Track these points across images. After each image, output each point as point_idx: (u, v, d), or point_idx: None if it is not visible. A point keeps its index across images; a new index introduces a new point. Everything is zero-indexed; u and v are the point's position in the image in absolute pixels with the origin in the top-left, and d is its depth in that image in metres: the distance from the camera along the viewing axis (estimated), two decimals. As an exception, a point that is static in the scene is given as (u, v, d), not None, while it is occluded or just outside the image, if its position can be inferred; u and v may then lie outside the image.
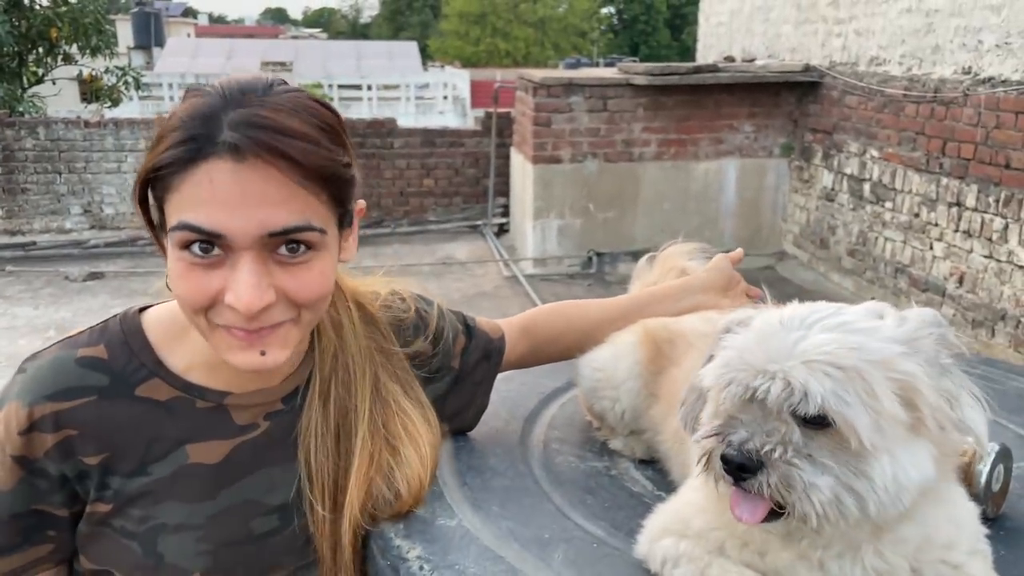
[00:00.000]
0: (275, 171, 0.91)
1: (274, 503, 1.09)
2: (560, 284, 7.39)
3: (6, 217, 8.80)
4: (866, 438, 0.79)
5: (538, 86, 7.29)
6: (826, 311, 0.87)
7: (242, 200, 0.91)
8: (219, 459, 1.07)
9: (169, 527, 1.04)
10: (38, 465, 1.02)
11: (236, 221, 0.91)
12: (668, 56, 38.28)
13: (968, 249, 5.66)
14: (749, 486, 0.82)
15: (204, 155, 0.90)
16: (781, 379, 0.81)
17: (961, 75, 5.71)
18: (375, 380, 1.15)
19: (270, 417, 1.10)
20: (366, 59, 25.11)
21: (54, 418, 1.00)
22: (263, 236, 0.92)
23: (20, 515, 1.03)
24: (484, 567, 0.99)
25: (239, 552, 1.08)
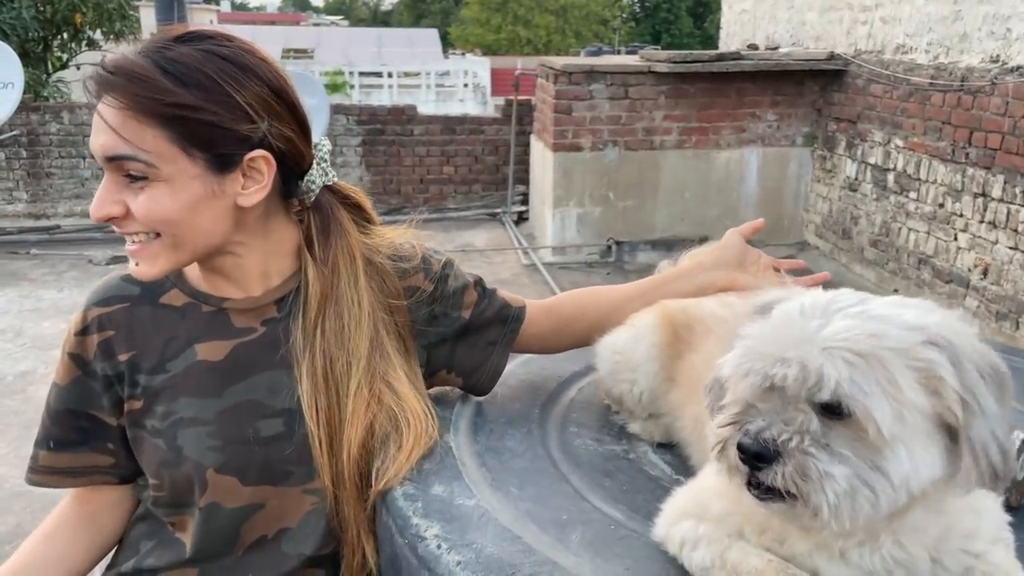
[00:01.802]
0: (119, 107, 1.07)
1: (277, 406, 1.20)
2: (579, 272, 7.38)
3: (31, 201, 8.89)
4: (886, 428, 0.77)
5: (559, 73, 7.26)
6: (848, 299, 0.85)
7: (96, 129, 1.09)
8: (222, 357, 1.21)
9: (185, 420, 1.18)
10: (90, 367, 1.22)
11: (94, 145, 1.10)
12: (690, 44, 38.00)
13: (993, 240, 5.58)
14: (764, 477, 0.81)
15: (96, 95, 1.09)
16: (797, 364, 0.79)
17: (989, 64, 5.63)
18: (374, 334, 1.24)
19: (267, 323, 1.24)
20: (387, 46, 25.11)
21: (99, 320, 1.22)
22: (104, 159, 1.09)
23: (77, 413, 1.23)
24: (501, 547, 0.99)
25: (248, 452, 1.18)
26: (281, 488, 1.19)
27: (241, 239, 1.20)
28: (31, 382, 4.88)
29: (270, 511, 1.20)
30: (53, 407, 1.25)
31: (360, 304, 1.23)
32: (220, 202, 1.13)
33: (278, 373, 1.21)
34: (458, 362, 1.36)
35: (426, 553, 1.00)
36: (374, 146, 9.18)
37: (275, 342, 1.22)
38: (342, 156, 9.15)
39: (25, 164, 8.80)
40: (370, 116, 9.21)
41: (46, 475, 1.27)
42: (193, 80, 1.08)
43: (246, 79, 1.11)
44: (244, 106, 1.11)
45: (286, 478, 1.19)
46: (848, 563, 0.87)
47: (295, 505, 1.21)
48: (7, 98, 8.08)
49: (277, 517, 1.21)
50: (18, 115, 8.31)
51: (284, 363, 1.21)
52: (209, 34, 1.14)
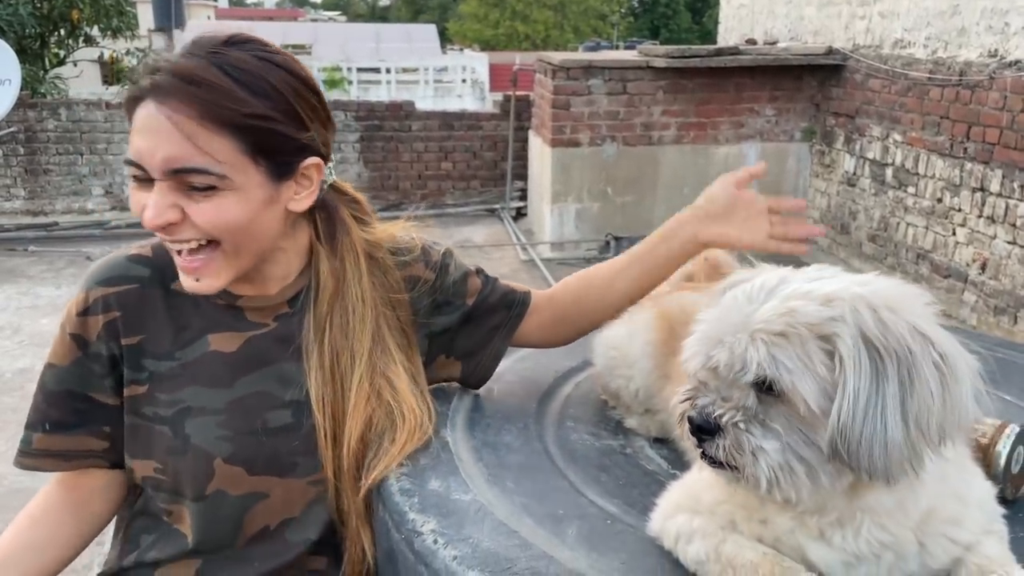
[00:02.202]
0: (183, 115, 1.05)
1: (286, 398, 1.21)
2: (578, 268, 7.33)
3: (29, 198, 8.89)
4: (812, 402, 0.79)
5: (557, 69, 7.25)
6: (797, 278, 0.86)
7: (153, 138, 1.06)
8: (235, 348, 1.21)
9: (193, 409, 1.18)
10: (92, 349, 1.19)
11: (147, 156, 1.06)
12: (689, 39, 37.95)
13: (992, 235, 5.59)
14: (708, 448, 0.86)
15: (140, 99, 1.07)
16: (728, 349, 0.84)
17: (987, 58, 5.63)
18: (376, 328, 1.25)
19: (279, 319, 1.25)
20: (385, 42, 25.05)
21: (103, 301, 1.19)
22: (167, 171, 1.06)
23: (75, 394, 1.21)
24: (498, 541, 0.99)
25: (256, 443, 1.19)
26: (287, 479, 1.20)
27: (282, 243, 1.22)
28: (29, 379, 4.88)
29: (273, 501, 1.21)
30: (50, 388, 1.22)
31: (364, 300, 1.25)
32: (276, 208, 1.16)
33: (288, 366, 1.22)
34: (459, 347, 1.37)
35: (423, 548, 1.00)
36: (372, 142, 9.17)
37: (287, 336, 1.24)
38: (340, 152, 9.14)
39: (23, 161, 8.79)
40: (368, 112, 9.19)
41: (39, 458, 1.24)
42: (261, 90, 1.09)
43: (302, 88, 1.14)
44: (302, 115, 1.14)
45: (292, 469, 1.20)
46: (833, 546, 0.88)
47: (299, 496, 1.22)
48: (4, 95, 8.07)
49: (280, 508, 1.21)
50: (15, 112, 8.30)
51: (295, 356, 1.23)
52: (252, 39, 1.15)
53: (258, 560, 1.22)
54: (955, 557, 0.90)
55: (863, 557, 0.87)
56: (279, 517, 1.22)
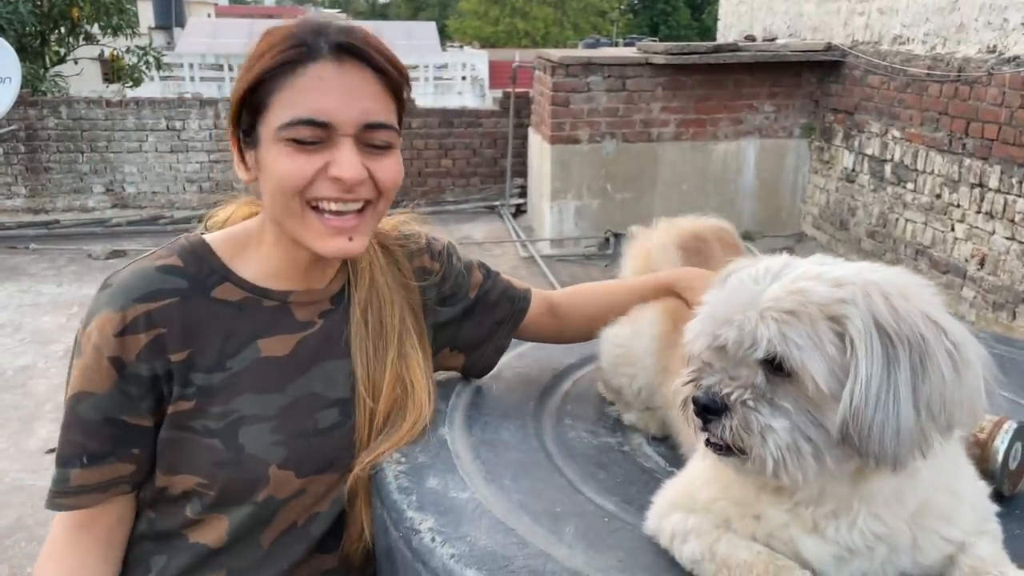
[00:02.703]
0: (369, 75, 1.10)
1: (334, 396, 1.22)
2: (577, 265, 7.38)
3: (30, 196, 8.88)
4: (822, 382, 0.79)
5: (556, 66, 7.24)
6: (803, 263, 0.87)
7: (346, 95, 1.08)
8: (287, 352, 1.20)
9: (247, 418, 1.16)
10: (131, 369, 1.12)
11: (342, 111, 1.08)
12: (688, 36, 37.88)
13: (990, 231, 5.59)
14: (714, 428, 0.85)
15: (313, 57, 1.08)
16: (737, 327, 0.83)
17: (986, 54, 5.62)
18: (402, 311, 1.28)
19: (324, 316, 1.25)
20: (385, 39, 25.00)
21: (146, 317, 1.12)
22: (361, 125, 1.09)
23: (112, 420, 1.14)
24: (495, 539, 1.00)
25: (308, 445, 1.19)
26: (325, 475, 1.21)
27: None
28: (31, 376, 4.89)
29: (308, 498, 1.21)
30: (89, 418, 1.13)
31: (390, 286, 1.29)
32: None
33: (334, 364, 1.23)
34: (463, 340, 1.39)
35: (420, 546, 1.01)
36: (372, 139, 9.15)
37: (333, 334, 1.24)
38: (340, 149, 9.13)
39: (23, 159, 8.79)
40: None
41: (78, 496, 1.15)
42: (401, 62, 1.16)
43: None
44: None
45: (332, 465, 1.21)
46: (826, 538, 0.88)
47: (329, 490, 1.23)
48: (4, 93, 8.06)
49: (311, 504, 1.22)
50: (16, 110, 8.30)
51: (340, 353, 1.24)
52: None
53: (281, 557, 1.22)
54: (947, 555, 0.91)
55: (856, 550, 0.87)
56: (308, 512, 1.22)
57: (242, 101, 1.12)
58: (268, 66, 1.08)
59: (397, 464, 1.17)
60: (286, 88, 1.08)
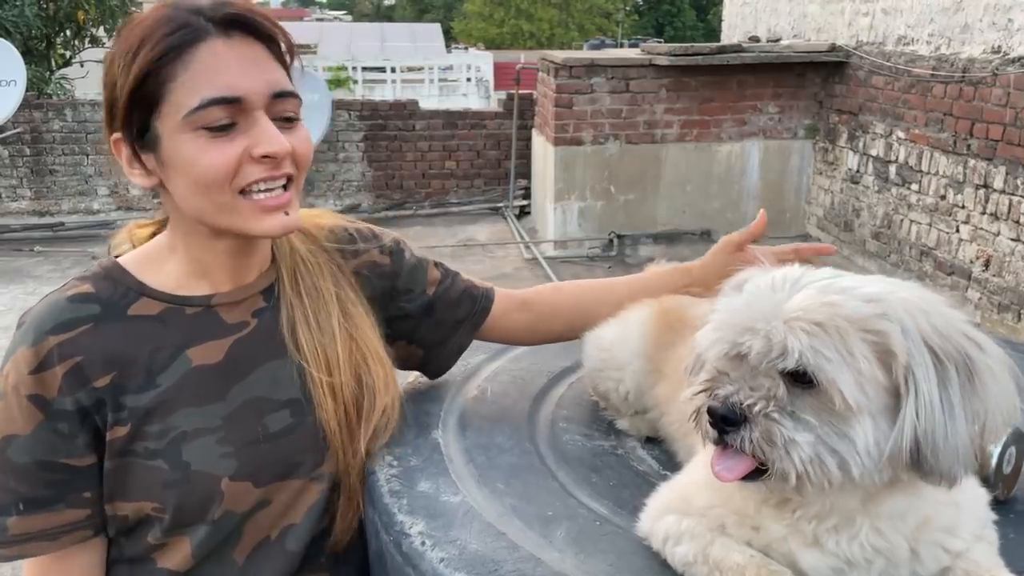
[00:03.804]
0: (259, 46, 1.06)
1: (282, 398, 1.16)
2: (581, 266, 7.37)
3: (35, 198, 8.92)
4: (849, 396, 0.78)
5: (560, 67, 7.24)
6: (820, 275, 0.86)
7: (246, 67, 1.03)
8: (220, 358, 1.13)
9: (189, 433, 1.10)
10: (55, 406, 1.06)
11: (249, 83, 1.03)
12: (694, 37, 37.85)
13: (995, 232, 5.57)
14: (732, 440, 0.82)
15: (200, 36, 1.02)
16: (763, 336, 0.81)
17: (990, 54, 5.60)
18: (334, 276, 1.25)
19: (257, 315, 1.18)
20: (390, 41, 25.08)
21: (58, 349, 1.06)
22: (270, 95, 1.05)
23: (46, 464, 1.06)
24: (485, 543, 0.99)
25: (260, 452, 1.13)
26: (289, 481, 1.15)
27: None
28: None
29: (275, 508, 1.15)
30: (18, 462, 1.06)
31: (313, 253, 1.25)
32: None
33: (277, 363, 1.17)
34: (421, 337, 1.37)
35: (410, 550, 1.01)
36: (376, 141, 9.18)
37: (270, 331, 1.18)
38: (344, 152, 9.15)
39: (29, 161, 8.82)
40: (372, 111, 9.20)
41: (21, 544, 1.07)
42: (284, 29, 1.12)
43: None
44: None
45: (296, 469, 1.15)
46: (825, 551, 0.87)
47: (299, 499, 1.16)
48: (9, 96, 8.10)
49: (281, 514, 1.15)
50: (21, 112, 8.34)
51: (280, 351, 1.17)
52: None
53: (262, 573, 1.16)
54: (945, 566, 0.90)
55: (855, 563, 0.86)
56: (279, 524, 1.16)
57: (129, 101, 1.03)
58: (153, 56, 1.01)
59: (389, 467, 1.17)
60: (180, 74, 1.01)
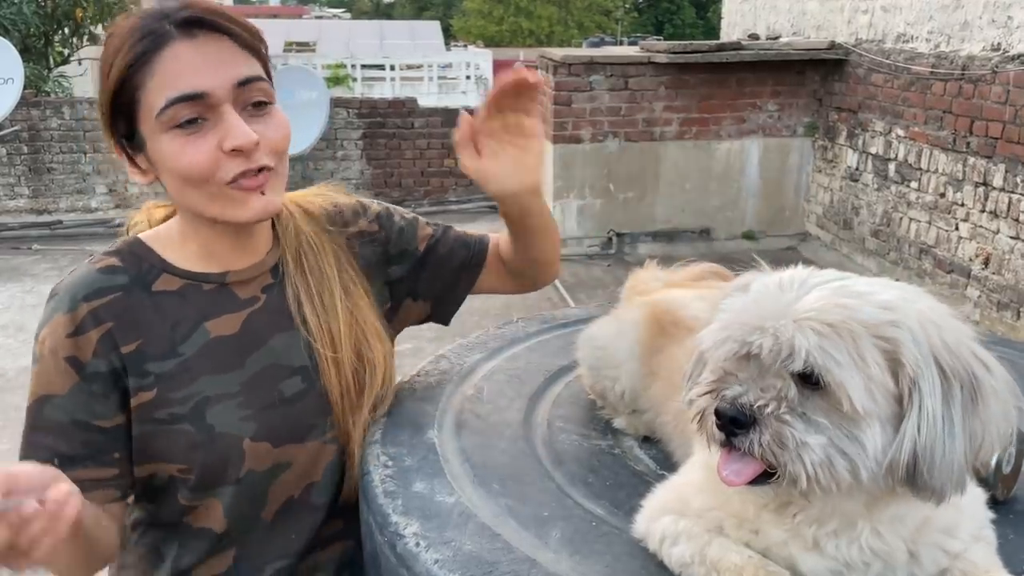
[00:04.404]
0: (224, 41, 1.10)
1: (294, 364, 1.24)
2: (580, 264, 7.36)
3: (32, 196, 8.90)
4: (857, 401, 0.77)
5: (558, 65, 7.23)
6: (828, 276, 0.85)
7: (209, 63, 1.08)
8: (236, 329, 1.22)
9: (211, 399, 1.18)
10: (89, 368, 1.14)
11: (210, 79, 1.08)
12: (693, 35, 37.83)
13: (994, 230, 5.56)
14: (740, 443, 0.81)
15: (164, 40, 1.08)
16: (772, 335, 0.79)
17: (990, 52, 5.59)
18: (335, 254, 1.31)
19: (266, 290, 1.26)
20: (389, 39, 25.05)
21: (93, 315, 1.15)
22: (235, 86, 1.09)
23: (81, 424, 1.14)
24: (480, 544, 0.99)
25: (276, 415, 1.21)
26: (307, 444, 1.23)
27: None
28: (32, 378, 4.88)
29: (296, 470, 1.23)
30: (56, 419, 1.13)
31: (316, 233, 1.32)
32: None
33: (288, 334, 1.25)
34: (424, 290, 1.42)
35: (404, 551, 1.00)
36: (375, 139, 9.16)
37: (279, 306, 1.26)
38: (343, 150, 9.14)
39: (26, 159, 8.80)
40: (370, 109, 9.19)
41: None
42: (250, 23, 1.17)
43: None
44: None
45: (310, 432, 1.23)
46: (824, 554, 0.86)
47: (319, 459, 1.25)
48: (7, 93, 8.09)
49: (303, 474, 1.24)
50: (19, 110, 8.32)
51: (290, 323, 1.25)
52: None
53: (290, 531, 1.25)
54: (943, 567, 0.89)
55: (853, 566, 0.86)
56: (303, 483, 1.24)
57: (112, 108, 1.12)
58: (124, 65, 1.09)
59: (384, 468, 1.16)
60: (148, 79, 1.08)
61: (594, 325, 1.34)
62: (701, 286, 1.34)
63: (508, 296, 1.52)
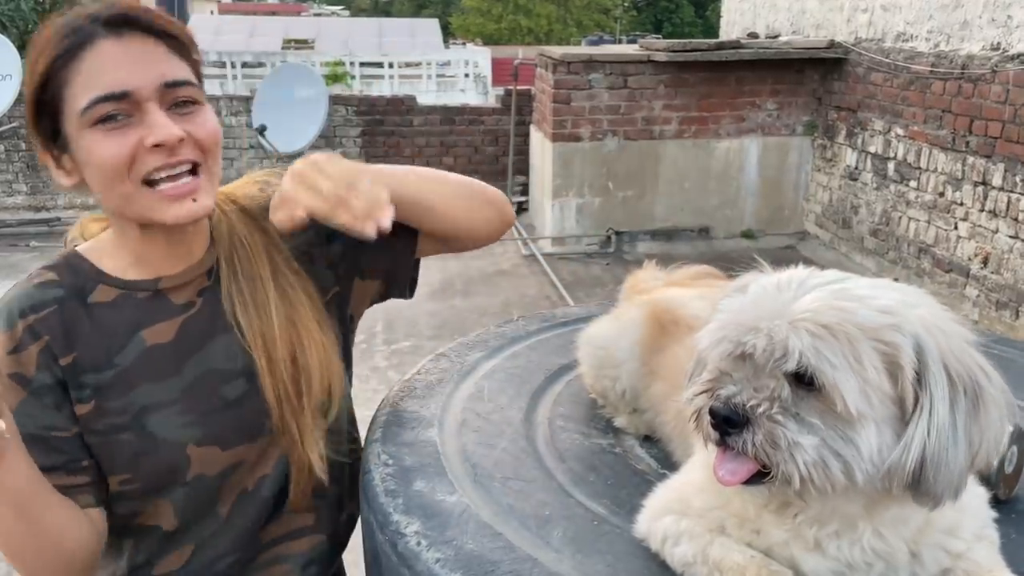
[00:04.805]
0: (152, 42, 1.09)
1: (236, 367, 1.22)
2: (578, 263, 7.36)
3: (30, 193, 8.88)
4: (851, 402, 0.77)
5: (558, 63, 7.22)
6: (828, 277, 0.84)
7: (136, 62, 1.07)
8: (172, 336, 1.20)
9: (150, 407, 1.17)
10: (36, 383, 1.13)
11: (137, 78, 1.07)
12: (692, 33, 37.81)
13: (993, 229, 5.56)
14: (734, 442, 0.81)
15: (91, 39, 1.07)
16: (766, 335, 0.79)
17: (989, 51, 5.59)
18: (270, 255, 1.27)
19: (202, 294, 1.24)
20: (388, 36, 25.00)
21: (30, 330, 1.14)
22: (161, 86, 1.08)
23: (38, 437, 1.12)
24: (481, 543, 0.98)
25: (221, 418, 1.20)
26: (258, 442, 1.23)
27: None
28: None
29: (247, 465, 1.23)
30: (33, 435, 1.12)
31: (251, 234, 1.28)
32: None
33: (227, 336, 1.22)
34: (368, 264, 1.35)
35: (405, 550, 0.99)
36: (373, 137, 9.15)
37: (216, 310, 1.23)
38: (341, 147, 9.12)
39: (24, 156, 8.78)
40: (369, 107, 9.18)
41: None
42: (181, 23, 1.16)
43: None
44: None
45: (260, 430, 1.22)
46: (826, 555, 0.86)
47: (268, 453, 1.25)
48: (6, 90, 8.07)
49: (253, 468, 1.24)
50: (17, 107, 8.29)
51: (227, 326, 1.22)
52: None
53: (247, 522, 1.25)
54: (945, 567, 0.89)
55: (855, 567, 0.86)
56: (255, 476, 1.25)
57: (36, 107, 1.11)
58: (48, 62, 1.08)
59: (384, 466, 1.16)
60: (73, 77, 1.07)
61: (594, 324, 1.34)
62: (701, 285, 1.33)
63: (507, 295, 1.51)
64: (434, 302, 6.11)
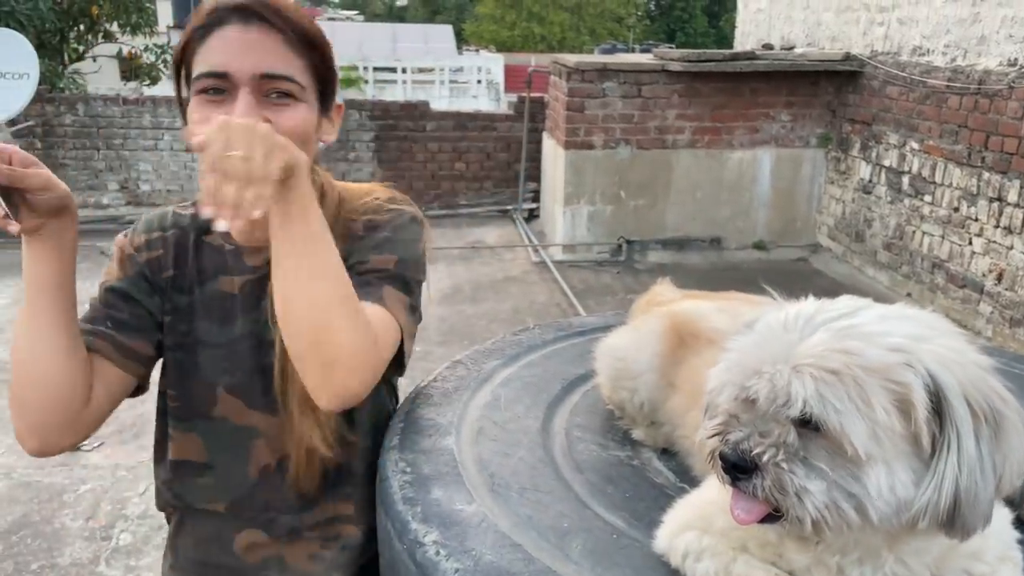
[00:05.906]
0: (273, 34, 1.17)
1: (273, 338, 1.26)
2: (589, 271, 7.35)
3: (44, 192, 8.92)
4: (860, 445, 0.75)
5: (572, 71, 7.22)
6: (837, 311, 0.83)
7: (244, 49, 1.16)
8: (234, 290, 1.31)
9: (203, 342, 1.30)
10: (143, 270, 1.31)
11: (238, 62, 1.15)
12: (705, 43, 37.79)
13: (1008, 245, 5.53)
14: (744, 487, 0.81)
15: (219, 24, 1.17)
16: (768, 381, 0.79)
17: (1007, 67, 5.57)
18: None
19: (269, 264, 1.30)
20: (401, 42, 25.07)
21: (153, 242, 1.33)
22: (257, 75, 1.15)
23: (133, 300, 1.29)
24: (500, 554, 0.98)
25: (251, 379, 1.29)
26: (277, 416, 1.27)
27: None
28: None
29: (269, 441, 1.29)
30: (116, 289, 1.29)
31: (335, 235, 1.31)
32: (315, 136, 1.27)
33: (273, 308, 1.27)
34: None
35: (424, 560, 0.99)
36: (386, 142, 9.17)
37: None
38: (354, 151, 9.15)
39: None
40: (382, 112, 9.20)
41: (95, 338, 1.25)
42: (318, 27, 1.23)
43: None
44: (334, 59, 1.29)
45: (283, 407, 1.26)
46: None
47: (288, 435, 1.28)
48: (23, 89, 8.09)
49: (276, 447, 1.29)
50: (33, 106, 8.33)
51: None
52: None
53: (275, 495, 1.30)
54: None
55: None
56: (277, 456, 1.30)
57: (177, 68, 1.24)
58: (189, 33, 1.20)
59: (402, 474, 1.15)
60: (200, 49, 1.19)
61: (613, 335, 1.33)
62: (720, 298, 1.32)
63: (517, 301, 1.51)
64: (443, 307, 6.11)
